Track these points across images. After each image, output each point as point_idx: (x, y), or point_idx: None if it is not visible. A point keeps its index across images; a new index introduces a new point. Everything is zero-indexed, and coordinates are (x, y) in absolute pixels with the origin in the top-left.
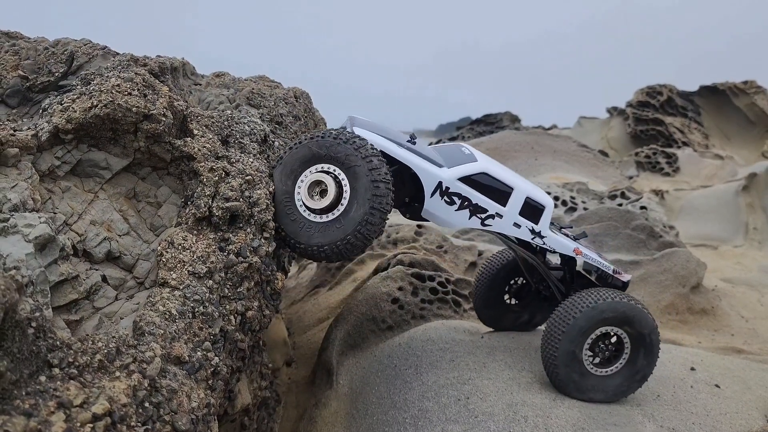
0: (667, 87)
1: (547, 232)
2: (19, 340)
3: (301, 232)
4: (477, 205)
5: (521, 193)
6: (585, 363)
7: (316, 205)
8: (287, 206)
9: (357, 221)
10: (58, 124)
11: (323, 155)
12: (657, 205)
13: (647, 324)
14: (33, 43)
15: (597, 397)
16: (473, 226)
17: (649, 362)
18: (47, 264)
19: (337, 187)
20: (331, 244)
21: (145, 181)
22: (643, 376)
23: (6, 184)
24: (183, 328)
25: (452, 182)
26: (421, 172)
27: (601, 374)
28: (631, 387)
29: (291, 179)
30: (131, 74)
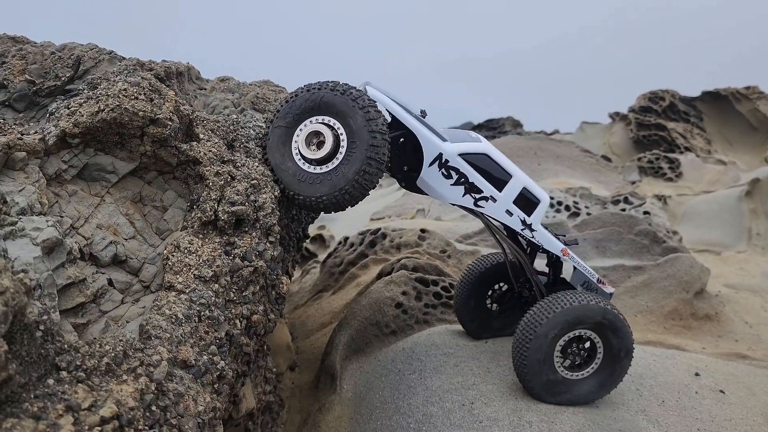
0: (670, 92)
1: (538, 226)
2: (28, 343)
3: (300, 183)
4: (473, 184)
5: (519, 183)
6: (556, 366)
7: (314, 156)
8: (285, 158)
9: (355, 171)
10: (65, 128)
11: (320, 106)
12: (660, 211)
13: (621, 329)
14: (40, 48)
15: (566, 401)
16: (465, 204)
17: (622, 366)
18: (54, 267)
19: (334, 137)
20: (329, 195)
21: (151, 185)
22: (615, 380)
23: (14, 187)
24: (189, 332)
25: (453, 156)
26: (423, 139)
27: (573, 378)
28: (602, 391)
29: (288, 131)
30: (138, 79)
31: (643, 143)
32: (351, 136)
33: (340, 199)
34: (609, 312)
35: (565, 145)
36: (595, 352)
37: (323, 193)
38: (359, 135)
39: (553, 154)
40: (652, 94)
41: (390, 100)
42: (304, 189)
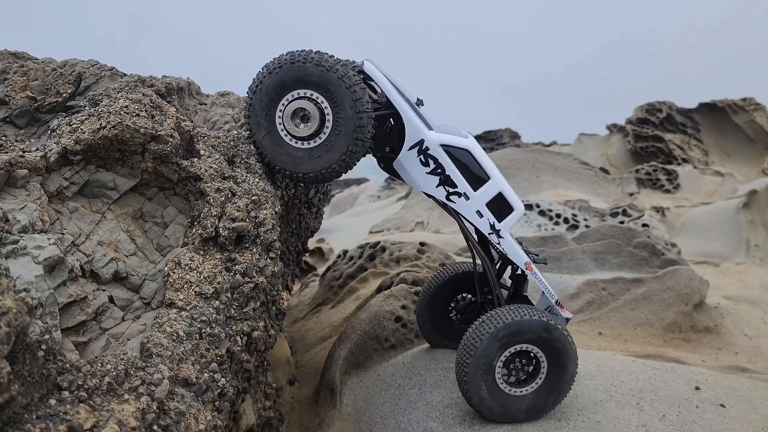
0: (667, 104)
1: (506, 234)
2: (30, 363)
3: (284, 156)
4: (448, 177)
5: (496, 186)
6: (498, 381)
7: (299, 133)
8: (269, 131)
9: (341, 151)
10: (66, 145)
11: (305, 80)
12: (659, 223)
13: (564, 346)
14: (41, 64)
15: (508, 417)
16: (437, 195)
17: (565, 383)
18: (56, 286)
19: (320, 113)
20: (315, 171)
21: (152, 202)
22: (558, 396)
23: (15, 205)
24: (190, 350)
25: (434, 145)
26: (408, 122)
27: (516, 394)
28: (545, 408)
29: (271, 105)
30: (139, 95)
31: (640, 155)
32: (337, 114)
33: (327, 175)
34: (551, 327)
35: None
36: (538, 368)
37: (309, 170)
38: (345, 114)
39: (552, 166)
40: (650, 106)
41: (385, 80)
42: (287, 163)
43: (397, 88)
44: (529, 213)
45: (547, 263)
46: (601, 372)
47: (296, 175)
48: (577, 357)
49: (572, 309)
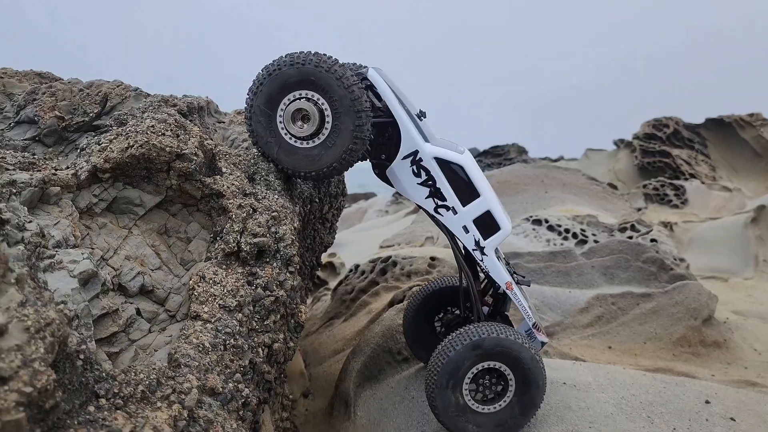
0: (673, 119)
1: (491, 252)
2: (70, 371)
3: (285, 154)
4: (438, 190)
5: (485, 204)
6: (466, 398)
7: (299, 133)
8: (270, 131)
9: (341, 149)
10: (96, 164)
11: (304, 81)
12: (667, 238)
13: (532, 366)
14: (68, 85)
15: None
16: (426, 207)
17: (533, 402)
18: (90, 298)
19: (319, 114)
20: (317, 170)
21: (176, 217)
22: (526, 415)
23: (49, 221)
24: (215, 360)
25: (427, 157)
26: (404, 132)
27: (484, 411)
28: (513, 426)
29: (271, 105)
30: (164, 116)
31: (648, 170)
32: (336, 114)
33: (327, 173)
34: (521, 348)
35: (572, 173)
36: (507, 388)
37: (310, 169)
38: (344, 113)
39: (560, 182)
40: (656, 121)
41: (387, 89)
42: (287, 161)
43: (399, 98)
44: (538, 228)
45: (530, 285)
46: (611, 385)
47: (297, 173)
48: (545, 382)
49: (582, 323)
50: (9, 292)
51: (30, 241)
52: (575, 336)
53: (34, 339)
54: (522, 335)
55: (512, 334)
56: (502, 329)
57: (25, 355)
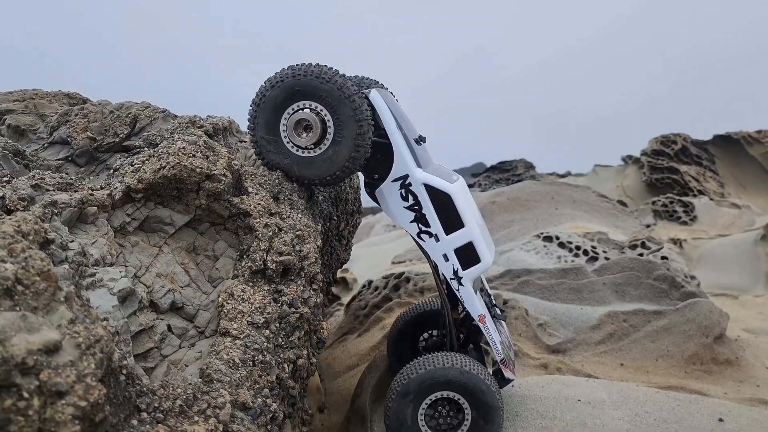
0: (681, 136)
1: (467, 283)
2: (114, 386)
3: (289, 165)
4: (424, 216)
5: (468, 235)
6: (421, 428)
7: (302, 143)
8: (274, 141)
9: (344, 158)
10: (130, 184)
11: (306, 92)
12: (677, 255)
13: (487, 397)
14: (99, 107)
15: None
16: (410, 230)
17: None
18: (128, 315)
19: (321, 124)
20: (321, 178)
21: (204, 236)
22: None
23: (87, 240)
24: (245, 376)
25: (416, 182)
26: (398, 155)
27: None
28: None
29: (275, 116)
30: (194, 137)
31: (656, 186)
32: (337, 123)
33: (330, 181)
34: (478, 380)
35: (582, 190)
36: (463, 418)
37: (314, 177)
38: (345, 122)
39: (570, 198)
40: (664, 138)
41: (387, 110)
42: (290, 169)
43: (398, 121)
44: (548, 245)
45: (506, 320)
46: (625, 402)
47: (301, 179)
48: (502, 419)
49: (594, 340)
50: (60, 310)
51: (73, 260)
52: (587, 353)
53: (86, 355)
54: (480, 368)
55: (470, 367)
56: (463, 361)
57: (78, 371)
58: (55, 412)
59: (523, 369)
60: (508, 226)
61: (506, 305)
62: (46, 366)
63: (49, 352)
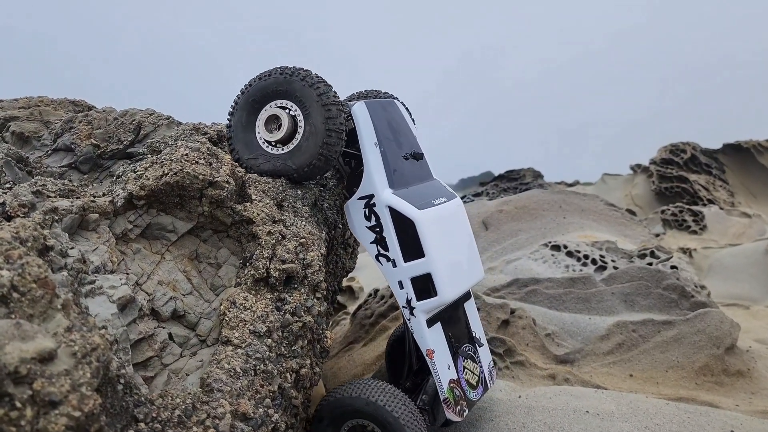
0: (690, 144)
1: (420, 315)
2: (111, 396)
3: (257, 161)
4: (384, 239)
5: (427, 266)
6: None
7: (271, 138)
8: (250, 139)
9: (305, 163)
10: (132, 191)
11: (286, 93)
12: (687, 265)
13: (393, 426)
14: (103, 114)
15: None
16: (369, 251)
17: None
18: (128, 323)
19: (291, 122)
20: (277, 173)
21: (206, 243)
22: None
23: (88, 247)
24: (246, 385)
25: (381, 204)
26: (367, 173)
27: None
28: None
29: (254, 110)
30: (197, 144)
31: (665, 195)
32: (308, 127)
33: (303, 175)
34: (381, 410)
35: (590, 198)
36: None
37: (269, 170)
38: (316, 128)
39: (579, 207)
40: (674, 147)
41: (368, 125)
42: (251, 161)
43: (381, 137)
44: (557, 254)
45: (470, 358)
46: (635, 414)
47: (258, 171)
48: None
49: (602, 350)
50: (56, 317)
51: (72, 267)
52: (596, 363)
53: (81, 364)
54: (400, 400)
55: (377, 397)
56: (385, 391)
57: (73, 380)
58: (48, 422)
59: (530, 380)
60: (515, 235)
61: (513, 315)
62: (40, 375)
63: (43, 361)
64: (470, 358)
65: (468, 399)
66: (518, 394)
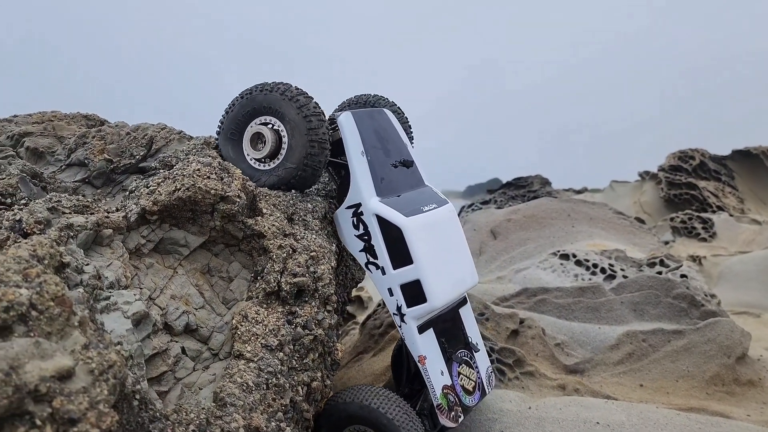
0: (699, 151)
1: (410, 321)
2: (127, 412)
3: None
4: (372, 247)
5: (416, 273)
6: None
7: (257, 155)
8: (239, 158)
9: (291, 175)
10: (145, 206)
11: (268, 108)
12: (697, 273)
13: (387, 427)
14: (116, 129)
15: None
16: (359, 259)
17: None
18: (142, 338)
19: (275, 136)
20: (269, 187)
21: (218, 257)
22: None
23: (102, 262)
24: (259, 399)
25: (368, 212)
26: (354, 183)
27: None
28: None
29: (241, 127)
30: (209, 159)
31: (674, 202)
32: (291, 141)
33: (286, 190)
34: (375, 412)
35: (599, 206)
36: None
37: (261, 185)
38: (299, 141)
39: (587, 215)
40: (682, 153)
41: (354, 135)
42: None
43: (367, 146)
44: (565, 263)
45: (464, 364)
46: (645, 425)
47: None
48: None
49: (612, 360)
50: (73, 335)
51: (88, 283)
52: (606, 373)
53: (99, 381)
54: (396, 406)
55: (371, 401)
56: (381, 397)
57: (91, 397)
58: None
59: (540, 390)
60: (524, 244)
61: (523, 325)
62: (59, 393)
63: (62, 379)
64: (466, 364)
65: (463, 405)
66: (528, 405)
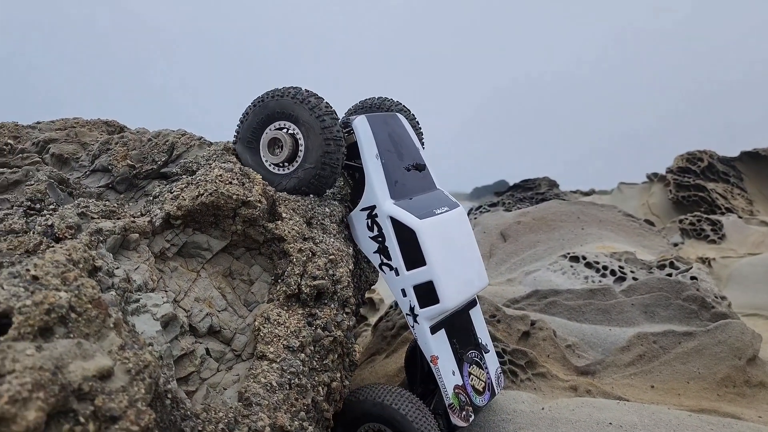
0: (707, 152)
1: (423, 322)
2: (160, 410)
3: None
4: (386, 248)
5: (429, 274)
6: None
7: (275, 160)
8: (258, 165)
9: (311, 175)
10: (170, 211)
11: (281, 113)
12: (707, 275)
13: (402, 424)
14: (137, 135)
15: None
16: (373, 260)
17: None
18: (170, 340)
19: (291, 140)
20: (290, 190)
21: (240, 261)
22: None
23: (130, 266)
24: (282, 399)
25: (383, 214)
26: (368, 185)
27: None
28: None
29: (256, 135)
30: (230, 165)
31: (682, 204)
32: (307, 142)
33: (296, 193)
34: (388, 409)
35: (608, 209)
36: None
37: (281, 189)
38: (314, 142)
39: (596, 218)
40: (690, 155)
41: (369, 138)
42: (277, 188)
43: (381, 149)
44: (575, 265)
45: (478, 366)
46: (657, 426)
47: None
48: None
49: (623, 362)
50: (110, 336)
51: (119, 286)
52: (617, 375)
53: (136, 380)
54: (398, 400)
55: (384, 398)
56: (394, 395)
57: (130, 396)
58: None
59: (552, 391)
60: (533, 247)
61: (534, 326)
62: (101, 392)
63: (102, 378)
64: (476, 365)
65: (474, 404)
66: (541, 406)
